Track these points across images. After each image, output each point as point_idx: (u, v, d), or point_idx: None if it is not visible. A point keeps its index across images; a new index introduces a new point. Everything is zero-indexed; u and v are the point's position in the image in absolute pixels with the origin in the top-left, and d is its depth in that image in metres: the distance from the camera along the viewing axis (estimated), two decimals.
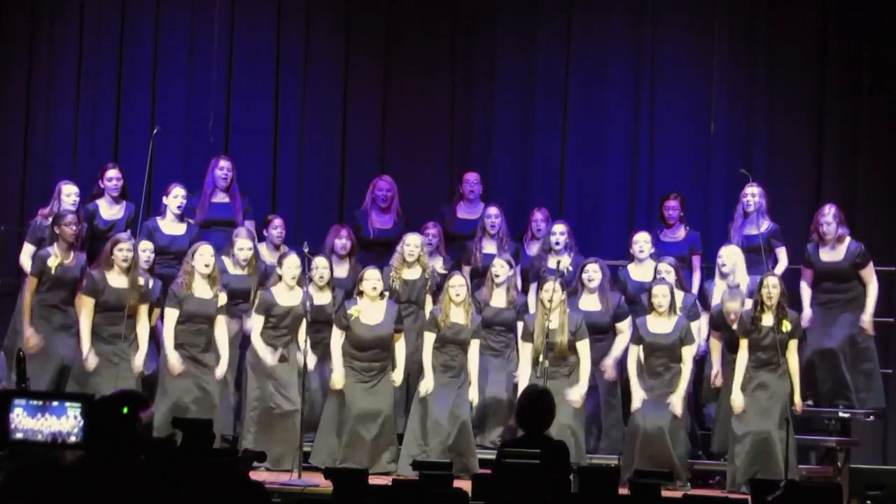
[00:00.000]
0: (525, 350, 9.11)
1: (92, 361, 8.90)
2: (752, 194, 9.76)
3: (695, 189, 10.65)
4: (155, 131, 10.08)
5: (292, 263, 9.18)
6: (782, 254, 9.72)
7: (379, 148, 11.23)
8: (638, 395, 8.99)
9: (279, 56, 11.24)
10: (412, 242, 9.53)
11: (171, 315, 9.02)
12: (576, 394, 8.96)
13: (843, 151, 10.70)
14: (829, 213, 9.59)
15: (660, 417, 8.90)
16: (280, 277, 9.22)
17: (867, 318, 9.49)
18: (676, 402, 8.93)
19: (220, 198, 10.05)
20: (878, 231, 10.03)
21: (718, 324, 9.24)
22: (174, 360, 8.94)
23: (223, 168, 10.03)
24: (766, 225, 9.74)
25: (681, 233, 10.02)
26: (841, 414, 9.58)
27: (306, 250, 9.17)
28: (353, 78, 11.28)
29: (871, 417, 9.76)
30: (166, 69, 11.13)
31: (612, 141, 11.04)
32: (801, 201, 10.59)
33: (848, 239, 9.56)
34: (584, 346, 9.07)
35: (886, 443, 10.30)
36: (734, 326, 9.05)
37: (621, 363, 9.27)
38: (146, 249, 9.31)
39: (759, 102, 10.87)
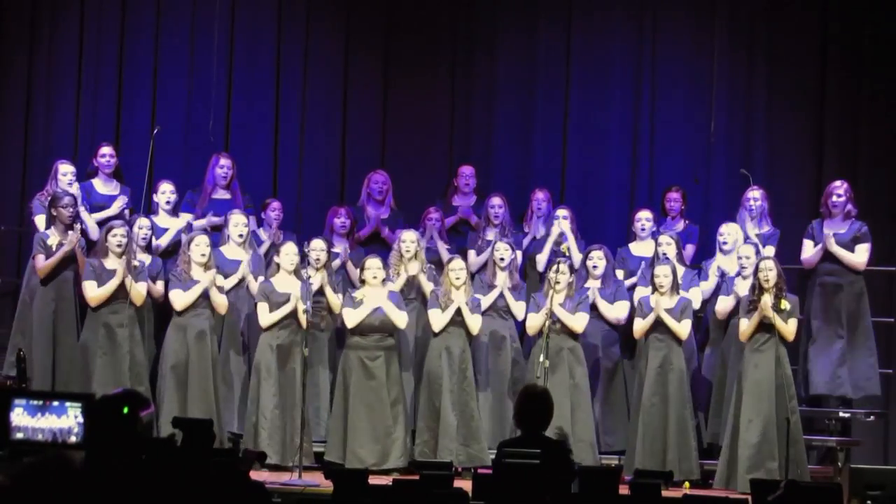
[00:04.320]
0: (532, 317, 9.26)
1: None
2: (755, 198, 9.78)
3: (695, 189, 10.65)
4: (155, 131, 10.10)
5: (290, 250, 9.28)
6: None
7: (379, 145, 11.24)
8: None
9: (279, 55, 11.23)
10: (408, 238, 9.62)
11: (177, 292, 9.13)
12: (563, 314, 9.10)
13: (843, 151, 10.70)
14: (840, 186, 9.65)
15: (663, 407, 9.02)
16: (278, 266, 9.26)
17: (835, 245, 9.46)
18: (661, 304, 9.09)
19: (221, 195, 10.10)
20: (879, 231, 10.01)
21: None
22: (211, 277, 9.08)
23: (223, 166, 10.08)
24: (766, 228, 9.76)
25: (680, 225, 10.08)
26: (841, 414, 9.60)
27: (307, 251, 9.23)
28: (353, 76, 11.28)
29: (872, 417, 9.78)
30: (166, 69, 11.13)
31: (613, 141, 11.04)
32: (801, 201, 10.59)
33: (854, 218, 9.60)
34: (581, 315, 9.24)
35: (887, 443, 10.30)
36: (747, 281, 9.14)
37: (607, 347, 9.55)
38: (143, 227, 9.44)
39: (759, 102, 10.87)
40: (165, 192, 9.89)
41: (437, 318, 9.28)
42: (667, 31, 11.07)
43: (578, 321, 9.23)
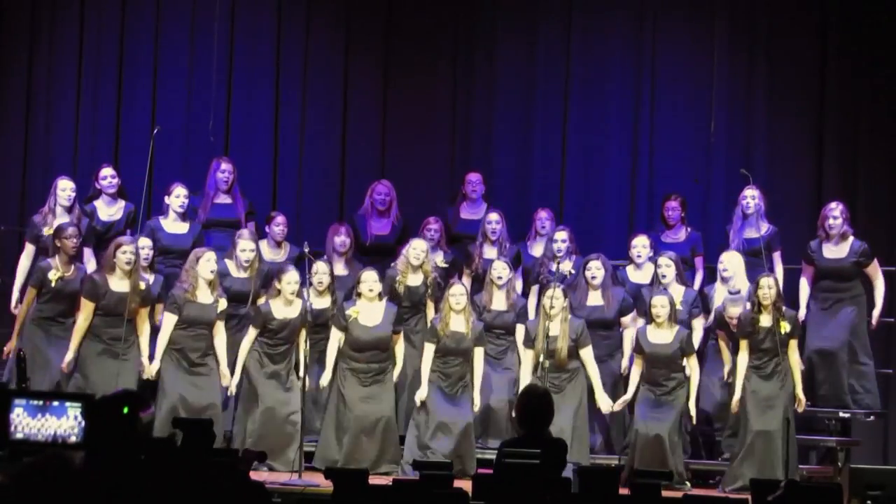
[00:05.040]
0: (526, 356, 9.16)
1: (68, 366, 8.90)
2: (752, 196, 9.75)
3: (695, 189, 10.65)
4: (155, 131, 10.08)
5: (291, 279, 9.14)
6: (777, 258, 9.72)
7: (379, 148, 11.23)
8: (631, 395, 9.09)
9: (279, 56, 11.23)
10: (418, 247, 9.53)
11: (170, 320, 9.02)
12: (604, 404, 9.07)
13: (843, 151, 10.70)
14: (836, 208, 9.62)
15: (660, 424, 8.92)
16: (279, 291, 9.20)
17: (876, 312, 9.54)
18: (691, 408, 9.00)
19: (222, 199, 10.05)
20: (879, 231, 10.02)
21: (721, 324, 9.28)
22: (156, 366, 8.98)
23: (225, 171, 10.03)
24: (765, 228, 9.74)
25: (682, 234, 10.01)
26: (841, 414, 9.59)
27: (306, 250, 9.19)
28: (353, 78, 11.27)
29: (872, 417, 9.77)
30: (166, 69, 11.13)
31: (613, 141, 11.04)
32: (801, 201, 10.59)
33: (851, 237, 9.58)
34: (587, 354, 9.12)
35: (887, 443, 10.30)
36: (734, 330, 9.09)
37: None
38: (144, 247, 9.31)
39: (759, 102, 10.86)
40: (179, 196, 9.72)
41: (429, 358, 9.19)
42: (667, 31, 11.06)
43: (592, 369, 9.10)
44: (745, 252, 9.56)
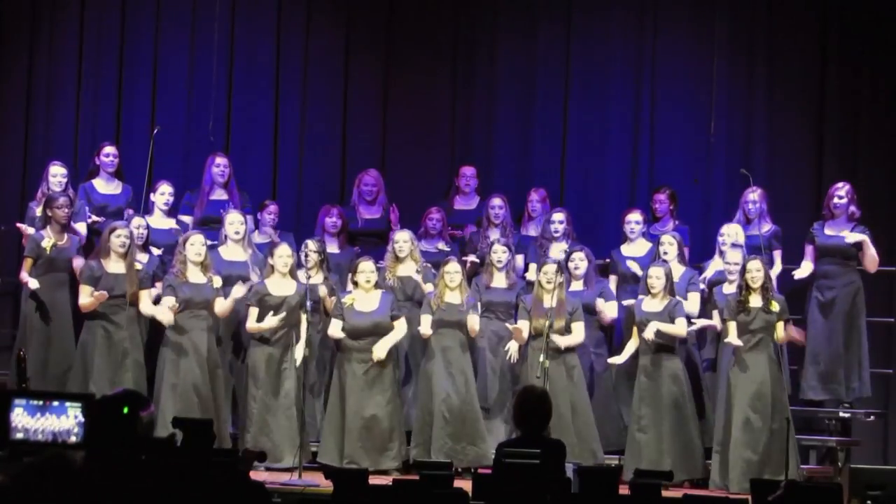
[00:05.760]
0: (523, 325, 9.20)
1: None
2: (754, 201, 9.75)
3: (695, 189, 10.66)
4: (155, 131, 10.09)
5: (283, 252, 9.23)
6: (777, 257, 9.73)
7: (379, 145, 11.24)
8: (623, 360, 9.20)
9: (279, 56, 11.24)
10: (401, 239, 9.59)
11: (169, 302, 9.05)
12: (562, 341, 9.06)
13: (843, 151, 10.70)
14: (842, 188, 9.65)
15: (655, 420, 9.01)
16: (272, 268, 9.22)
17: (855, 236, 9.48)
18: (657, 326, 9.00)
19: (219, 194, 10.09)
20: (878, 231, 10.01)
21: (710, 299, 9.35)
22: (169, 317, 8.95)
23: (220, 165, 10.07)
24: (767, 227, 9.74)
25: (669, 226, 10.06)
26: (841, 414, 9.60)
27: (306, 250, 9.23)
28: (353, 78, 11.28)
29: (872, 417, 9.78)
30: (166, 69, 11.14)
31: (612, 140, 11.05)
32: (801, 201, 10.59)
33: (856, 221, 9.59)
34: (578, 326, 9.22)
35: (887, 443, 10.30)
36: (734, 284, 9.09)
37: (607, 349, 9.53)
38: (139, 226, 9.38)
39: (759, 102, 10.87)
40: (165, 194, 9.81)
41: (427, 323, 9.24)
42: (667, 31, 11.07)
43: (577, 338, 9.20)
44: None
